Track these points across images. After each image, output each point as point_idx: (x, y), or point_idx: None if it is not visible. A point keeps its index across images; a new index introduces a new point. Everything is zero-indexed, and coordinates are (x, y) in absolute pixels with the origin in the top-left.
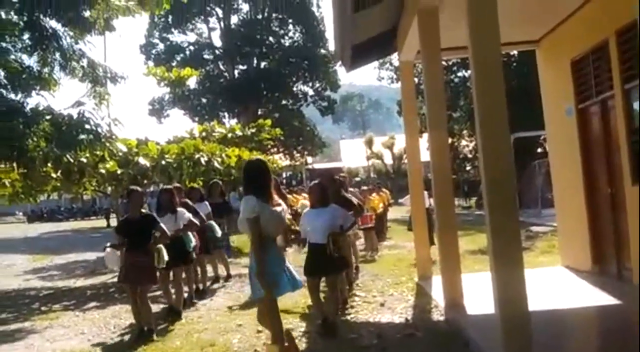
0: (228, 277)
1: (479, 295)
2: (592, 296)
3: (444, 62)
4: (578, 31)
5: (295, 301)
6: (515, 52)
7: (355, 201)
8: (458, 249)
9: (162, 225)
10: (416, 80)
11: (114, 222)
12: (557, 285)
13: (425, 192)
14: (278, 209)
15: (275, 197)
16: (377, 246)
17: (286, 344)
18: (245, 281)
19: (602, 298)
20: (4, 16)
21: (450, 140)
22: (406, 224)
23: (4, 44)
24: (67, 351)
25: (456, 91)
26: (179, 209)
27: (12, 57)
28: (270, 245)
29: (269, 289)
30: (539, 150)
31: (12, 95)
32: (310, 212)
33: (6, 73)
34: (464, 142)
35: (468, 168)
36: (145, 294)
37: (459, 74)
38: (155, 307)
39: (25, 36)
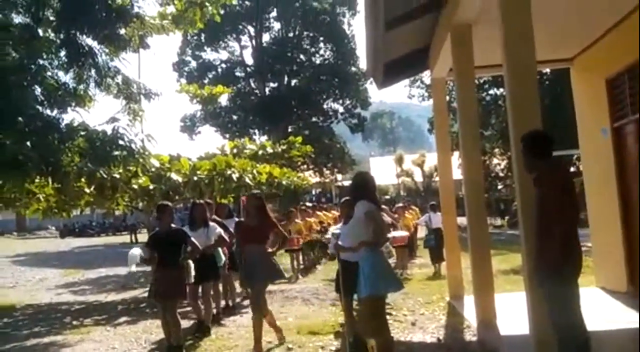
0: None
1: (512, 315)
2: (626, 318)
3: (475, 80)
4: (613, 49)
5: (325, 319)
6: (548, 70)
7: (389, 219)
8: (491, 268)
9: (193, 239)
10: (447, 98)
11: (141, 237)
12: (592, 306)
13: (435, 213)
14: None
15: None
16: (407, 264)
17: None
18: (273, 297)
19: (636, 320)
20: (42, 34)
21: (481, 158)
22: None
23: (41, 61)
24: None
25: (487, 109)
26: (211, 223)
27: (49, 73)
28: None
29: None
30: (572, 169)
31: (48, 111)
32: (343, 227)
33: (43, 89)
34: (495, 161)
35: (500, 187)
36: (174, 308)
37: (491, 92)
38: (185, 323)
39: (62, 53)
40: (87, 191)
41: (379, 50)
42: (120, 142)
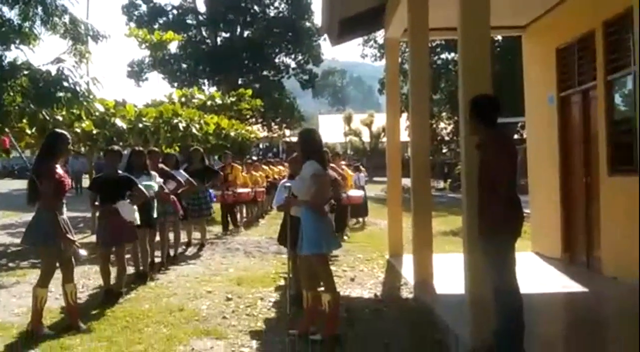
0: (202, 245)
1: (449, 275)
2: (559, 283)
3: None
4: (565, 20)
5: (266, 272)
6: (499, 37)
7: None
8: (431, 230)
9: (140, 186)
10: (399, 59)
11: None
12: (526, 270)
13: (360, 173)
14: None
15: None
16: (348, 223)
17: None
18: (215, 249)
19: (570, 285)
20: None
21: (429, 121)
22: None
23: None
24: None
25: (438, 73)
26: (152, 172)
27: None
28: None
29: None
30: (515, 136)
31: None
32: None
33: None
34: (442, 124)
35: (444, 150)
36: (123, 253)
37: (442, 56)
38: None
39: None
40: (29, 132)
41: (335, 6)
42: (65, 83)
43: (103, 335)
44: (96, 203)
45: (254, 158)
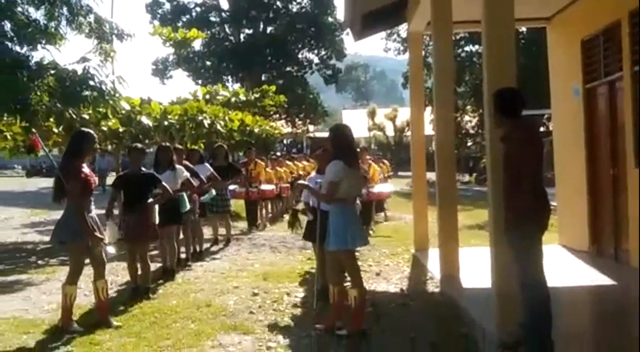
0: (228, 241)
1: (475, 269)
2: (587, 276)
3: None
4: (590, 11)
5: (291, 267)
6: (524, 29)
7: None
8: (457, 223)
9: (164, 183)
10: (423, 53)
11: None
12: (553, 263)
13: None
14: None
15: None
16: (373, 217)
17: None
18: (241, 244)
19: (598, 278)
20: None
21: (454, 114)
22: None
23: None
24: None
25: (462, 66)
26: (178, 166)
27: (19, 9)
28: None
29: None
30: (542, 129)
31: (17, 48)
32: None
33: (12, 25)
34: (466, 118)
35: (469, 144)
36: (146, 251)
37: (466, 48)
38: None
39: None
40: (56, 131)
41: (357, 0)
42: (91, 82)
43: (132, 331)
44: (115, 202)
45: (278, 154)
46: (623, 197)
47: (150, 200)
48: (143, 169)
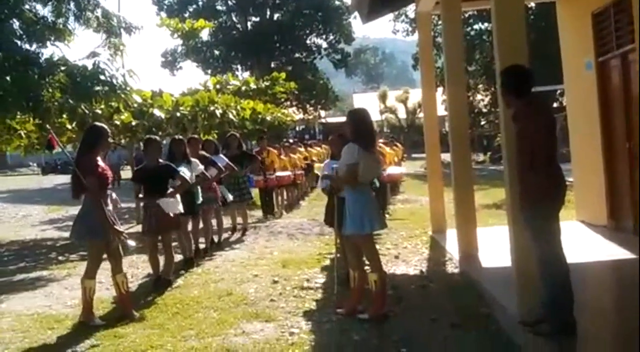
0: (245, 230)
1: (493, 248)
2: (607, 250)
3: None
4: None
5: (310, 253)
6: (532, 4)
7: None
8: (474, 203)
9: (181, 173)
10: (432, 32)
11: (125, 175)
12: (572, 239)
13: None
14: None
15: None
16: (389, 200)
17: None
18: (259, 233)
19: (618, 252)
20: None
21: (466, 94)
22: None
23: None
24: None
25: (472, 44)
26: (193, 159)
27: (27, 7)
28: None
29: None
30: (555, 105)
31: (27, 46)
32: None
33: (21, 23)
34: (479, 97)
35: (483, 122)
36: (170, 241)
37: (475, 26)
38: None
39: None
40: (69, 127)
41: None
42: (102, 77)
43: (155, 322)
44: (140, 195)
45: (291, 141)
46: None
47: (170, 190)
48: (160, 160)
